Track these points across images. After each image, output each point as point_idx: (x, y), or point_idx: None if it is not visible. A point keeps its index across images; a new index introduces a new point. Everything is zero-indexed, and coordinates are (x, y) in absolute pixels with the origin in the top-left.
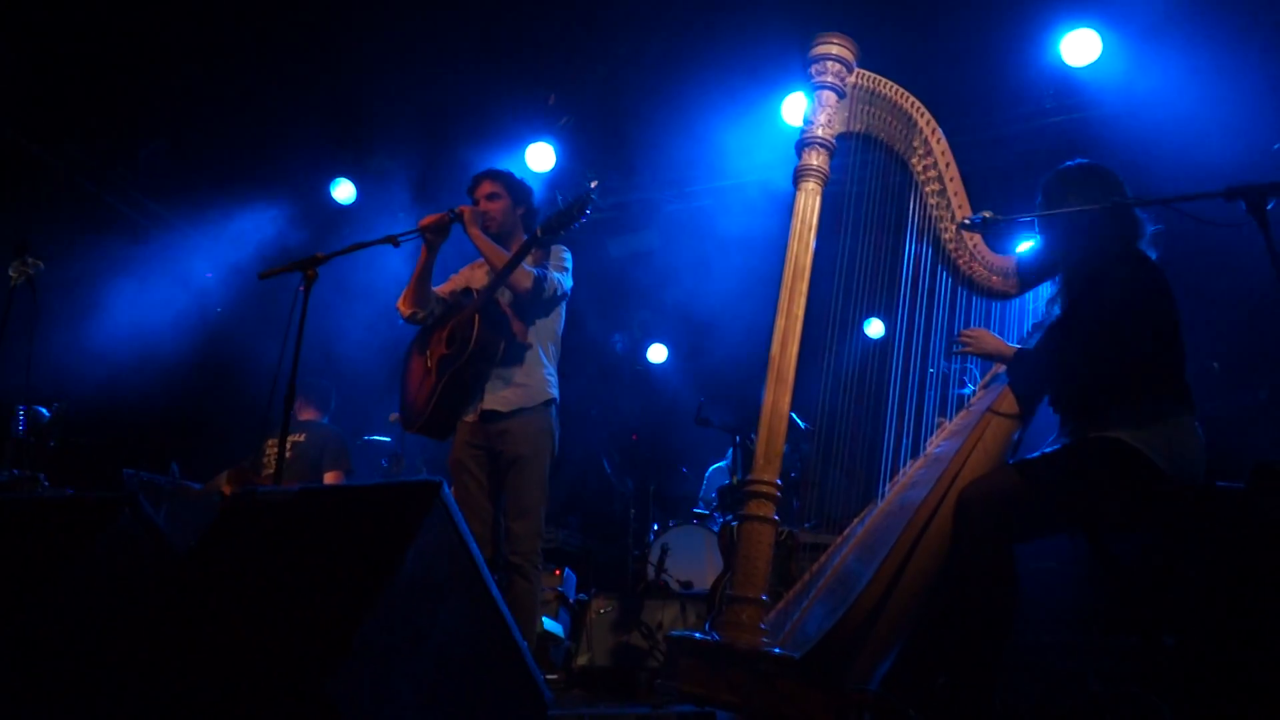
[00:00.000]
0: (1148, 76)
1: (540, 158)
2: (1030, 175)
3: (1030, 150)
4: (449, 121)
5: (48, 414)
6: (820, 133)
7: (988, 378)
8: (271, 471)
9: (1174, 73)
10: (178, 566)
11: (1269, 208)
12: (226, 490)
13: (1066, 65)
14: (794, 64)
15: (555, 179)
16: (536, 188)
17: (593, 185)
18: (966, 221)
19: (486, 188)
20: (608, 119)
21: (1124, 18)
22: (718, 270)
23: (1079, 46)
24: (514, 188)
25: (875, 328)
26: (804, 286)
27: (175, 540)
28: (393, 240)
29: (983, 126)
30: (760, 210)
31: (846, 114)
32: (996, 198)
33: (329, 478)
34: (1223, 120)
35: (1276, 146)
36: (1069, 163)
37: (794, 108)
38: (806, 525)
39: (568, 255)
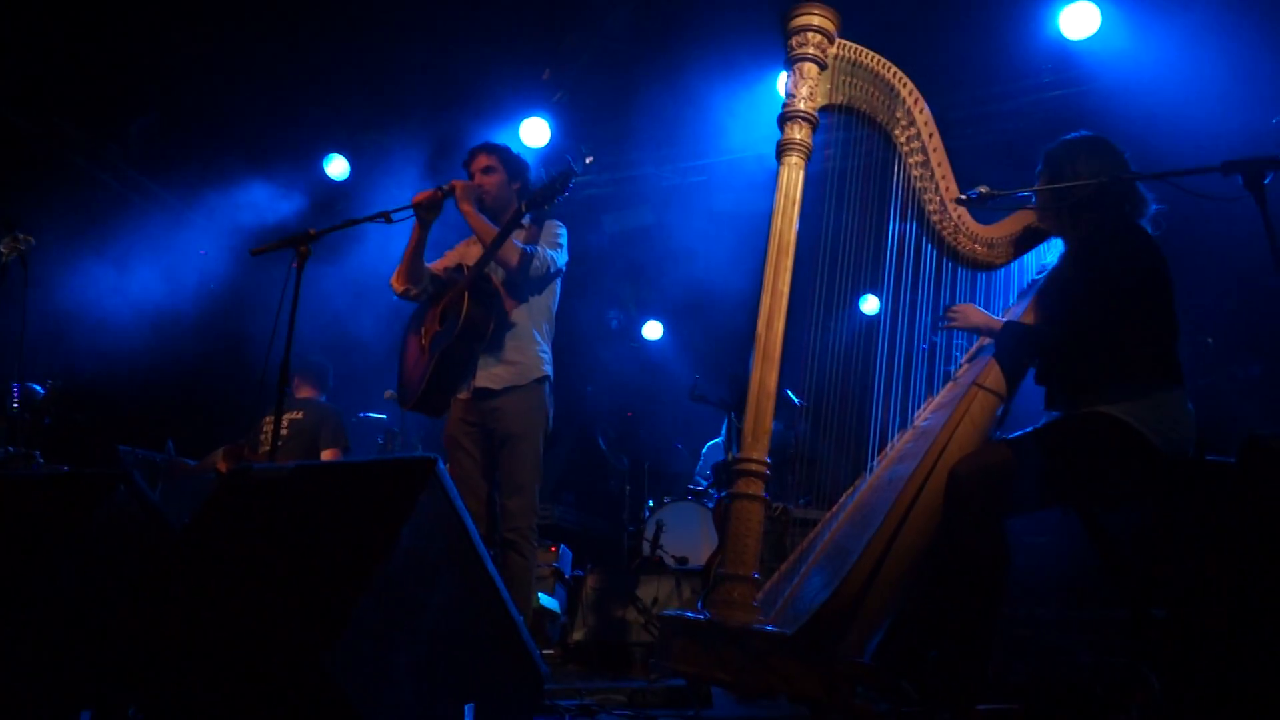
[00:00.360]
0: (1147, 51)
1: (535, 133)
2: (1029, 149)
3: (1028, 124)
4: (444, 96)
5: (42, 391)
6: (802, 106)
7: (973, 351)
8: (268, 449)
9: (1173, 47)
10: (173, 543)
11: (1266, 182)
12: (222, 467)
13: (1065, 39)
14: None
15: (550, 154)
16: (531, 163)
17: (588, 160)
18: (962, 197)
19: (482, 161)
20: (603, 94)
21: None
22: (713, 246)
23: (1078, 20)
24: (510, 162)
25: (871, 304)
26: (789, 262)
27: (171, 517)
28: (386, 216)
29: (981, 101)
30: (756, 185)
31: (828, 86)
32: (994, 171)
33: (326, 455)
34: (1221, 95)
35: (1275, 120)
36: (1075, 134)
37: None
38: (802, 501)
39: (562, 231)
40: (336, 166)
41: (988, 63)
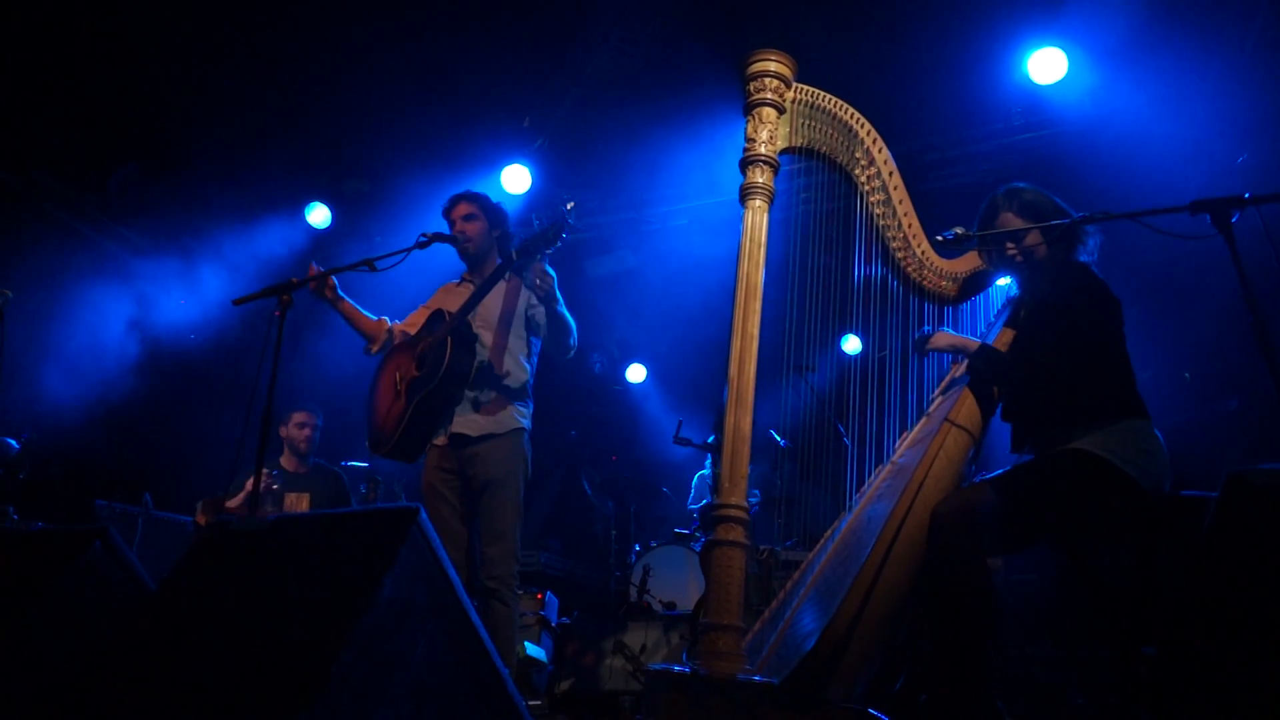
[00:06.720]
0: (1113, 94)
1: (516, 180)
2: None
3: (1001, 166)
4: (426, 144)
5: (17, 446)
6: (763, 150)
7: (945, 382)
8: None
9: (1139, 90)
10: (150, 599)
11: (1234, 221)
12: (201, 520)
13: (1034, 83)
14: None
15: (532, 201)
16: (513, 209)
17: (568, 207)
18: (940, 238)
19: (463, 209)
20: (584, 140)
21: (1089, 37)
22: (695, 289)
23: (1046, 65)
24: (490, 210)
25: (853, 344)
26: (757, 305)
27: (148, 572)
28: (369, 264)
29: (954, 144)
30: (738, 228)
31: (788, 129)
32: (968, 213)
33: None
34: (1188, 135)
35: (1240, 160)
36: (1010, 185)
37: None
38: (788, 544)
39: (555, 278)
40: (318, 215)
41: (961, 107)
